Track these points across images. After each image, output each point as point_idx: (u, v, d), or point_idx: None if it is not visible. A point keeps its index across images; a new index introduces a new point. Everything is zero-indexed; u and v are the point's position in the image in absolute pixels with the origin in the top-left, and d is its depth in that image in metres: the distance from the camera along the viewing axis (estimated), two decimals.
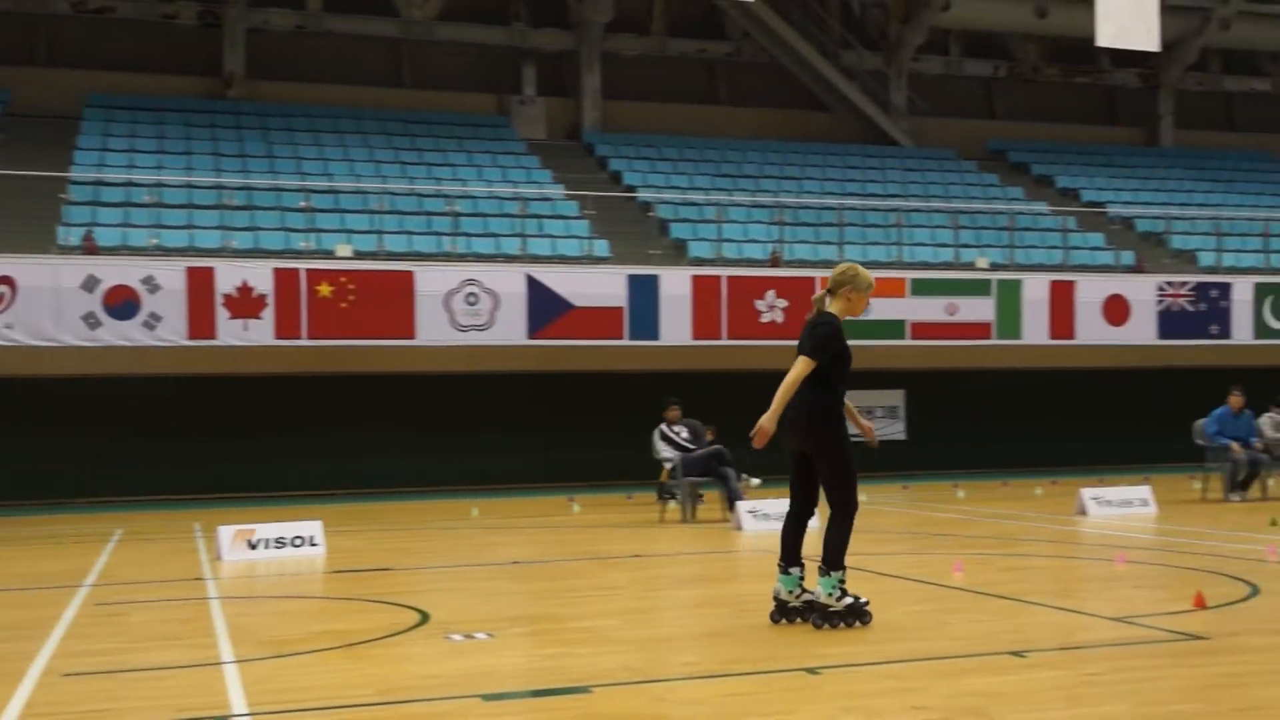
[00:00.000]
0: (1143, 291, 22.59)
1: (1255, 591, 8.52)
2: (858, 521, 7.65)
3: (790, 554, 7.66)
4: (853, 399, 8.03)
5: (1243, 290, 23.02)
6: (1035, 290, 21.99)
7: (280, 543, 12.01)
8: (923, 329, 21.52)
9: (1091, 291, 22.31)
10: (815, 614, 7.45)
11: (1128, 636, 6.99)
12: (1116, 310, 22.39)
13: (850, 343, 7.80)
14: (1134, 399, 24.68)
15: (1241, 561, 10.11)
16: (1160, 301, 22.57)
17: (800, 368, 7.40)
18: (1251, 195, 28.99)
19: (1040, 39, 30.78)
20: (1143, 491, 15.39)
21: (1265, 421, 17.02)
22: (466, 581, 10.28)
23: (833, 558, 7.44)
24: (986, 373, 24.11)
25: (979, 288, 21.81)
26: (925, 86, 30.42)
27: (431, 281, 19.23)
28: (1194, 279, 23.07)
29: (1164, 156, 31.00)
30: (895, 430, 23.79)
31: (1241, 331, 22.98)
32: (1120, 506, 14.98)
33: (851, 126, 29.41)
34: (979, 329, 21.82)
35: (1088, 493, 15.00)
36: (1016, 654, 6.49)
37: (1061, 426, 24.53)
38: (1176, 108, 31.90)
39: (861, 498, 7.70)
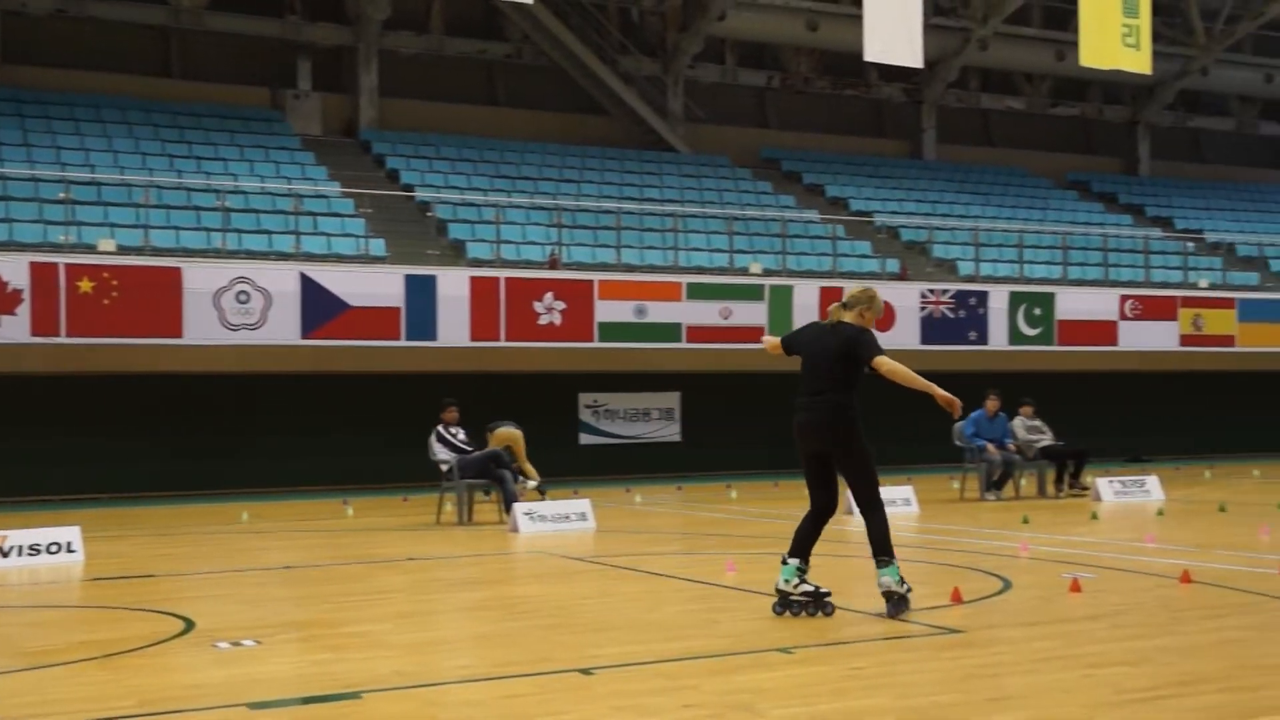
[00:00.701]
0: (907, 298, 23.51)
1: (1008, 586, 8.95)
2: (632, 522, 7.73)
3: (798, 547, 7.95)
4: (627, 401, 8.16)
5: (999, 298, 24.20)
6: (806, 296, 22.63)
7: (35, 549, 11.42)
8: (698, 332, 21.91)
9: None
10: (890, 604, 7.68)
11: (890, 631, 7.25)
12: (883, 316, 23.20)
13: (627, 346, 7.96)
14: (900, 401, 25.59)
15: (996, 557, 10.62)
16: (923, 308, 23.54)
17: (891, 363, 7.72)
18: (1007, 208, 30.51)
19: (812, 52, 31.72)
20: (905, 491, 16.01)
21: (1018, 424, 17.91)
22: (234, 587, 9.96)
23: (886, 547, 7.82)
24: (759, 375, 24.69)
25: (752, 292, 22.34)
26: (702, 94, 30.98)
27: (200, 279, 18.58)
28: (954, 287, 24.13)
29: (927, 169, 32.34)
30: (670, 432, 24.15)
31: (997, 338, 24.15)
32: (885, 506, 15.51)
33: (629, 131, 29.74)
34: (752, 333, 22.31)
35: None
36: (785, 650, 6.66)
37: None
38: (939, 122, 33.33)
39: (636, 499, 7.77)
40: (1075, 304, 24.85)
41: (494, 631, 7.66)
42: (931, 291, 23.68)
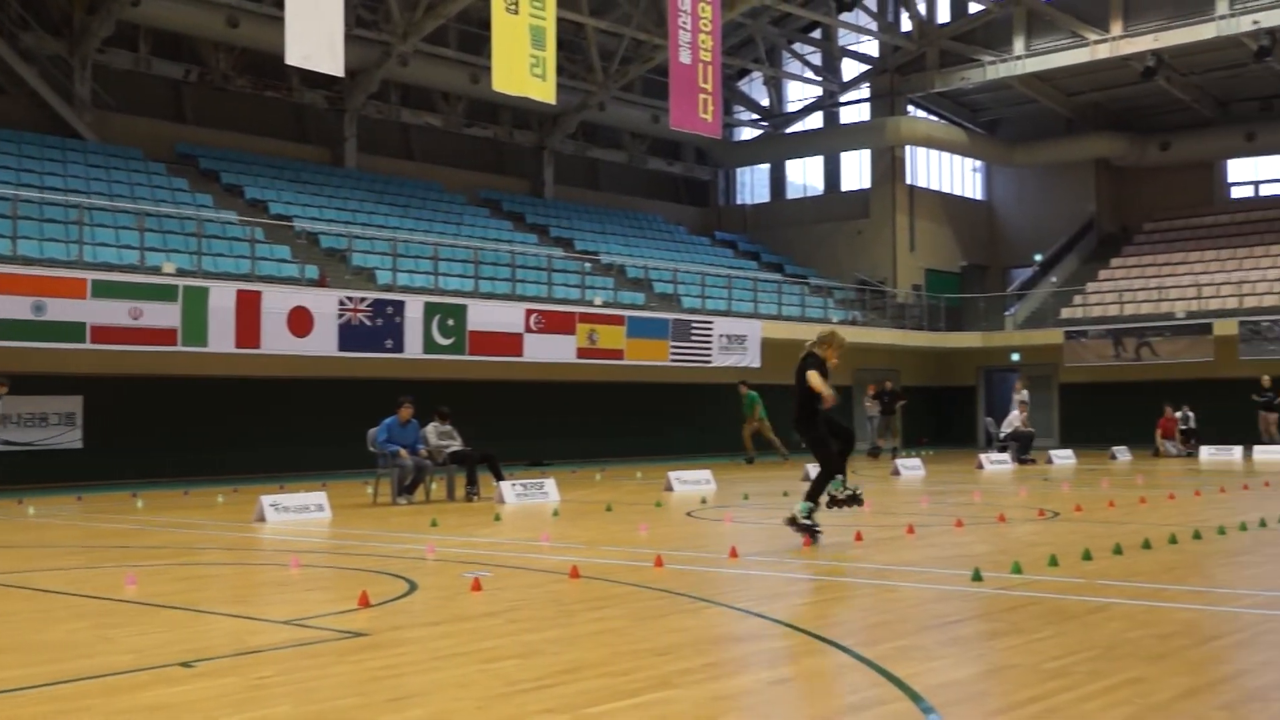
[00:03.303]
0: (325, 305, 23.53)
1: (414, 587, 9.25)
2: (23, 536, 7.21)
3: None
4: (22, 405, 7.66)
5: (415, 308, 24.81)
6: (222, 298, 22.08)
7: None
8: (104, 333, 20.72)
9: (277, 302, 22.84)
10: (789, 520, 11.61)
11: (297, 638, 7.29)
12: (300, 322, 23.11)
13: (23, 345, 7.54)
14: (316, 408, 25.63)
15: (404, 560, 10.92)
16: (341, 315, 23.66)
17: (814, 376, 11.50)
18: (424, 221, 31.35)
19: (232, 49, 30.95)
20: (319, 497, 16.03)
21: (430, 430, 18.48)
22: None
23: (809, 493, 11.56)
24: (171, 380, 23.78)
25: (165, 293, 21.46)
26: (112, 81, 29.33)
27: None
28: (372, 295, 24.47)
29: (348, 177, 32.53)
30: (71, 439, 22.64)
31: (413, 346, 24.74)
32: (298, 512, 15.49)
33: (30, 113, 27.58)
34: (164, 335, 21.46)
35: (267, 499, 15.35)
36: (186, 664, 6.53)
37: (248, 434, 24.84)
38: (360, 132, 33.63)
39: (29, 510, 7.26)
40: (485, 316, 25.98)
41: None
42: (350, 299, 23.87)
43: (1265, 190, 43.18)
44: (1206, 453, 30.01)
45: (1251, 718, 5.27)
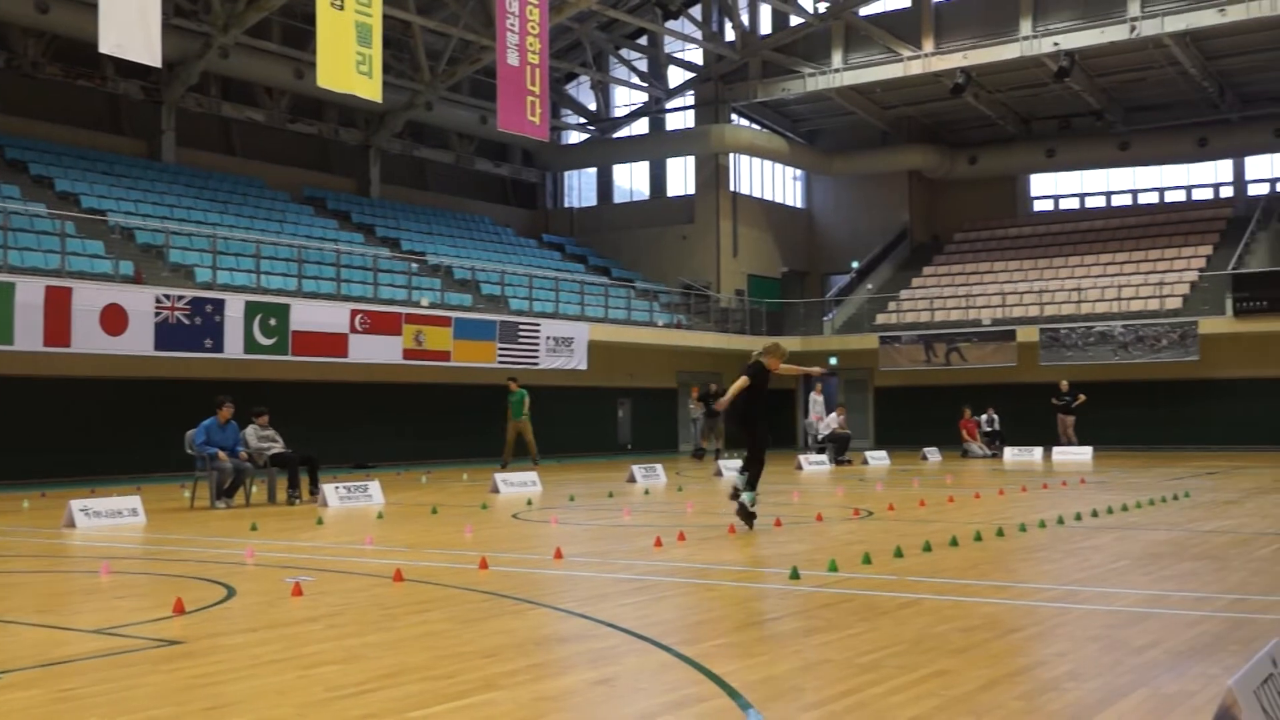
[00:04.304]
0: (141, 303, 22.83)
1: (233, 593, 9.08)
2: None
3: (750, 482, 13.20)
4: None
5: (235, 307, 24.24)
6: (30, 294, 21.24)
7: None
8: None
9: (89, 299, 22.08)
10: (741, 512, 13.04)
11: (108, 648, 7.09)
12: (114, 320, 22.38)
13: None
14: (131, 409, 24.84)
15: (223, 565, 10.71)
16: (158, 314, 22.98)
17: (740, 382, 12.89)
18: (246, 218, 30.64)
19: (42, 35, 29.77)
20: (133, 501, 15.57)
21: (250, 432, 18.10)
22: None
23: (749, 482, 13.15)
24: None
25: None
26: None
27: None
28: (191, 294, 23.83)
29: (166, 171, 31.59)
30: None
31: (233, 346, 24.18)
32: (110, 517, 15.03)
33: None
34: None
35: (77, 504, 14.86)
36: None
37: (57, 436, 23.94)
38: (179, 125, 32.69)
39: None
40: (309, 316, 25.55)
41: None
42: (167, 297, 23.21)
43: (1064, 204, 45.33)
44: (1010, 453, 31.28)
45: (1047, 706, 5.56)
